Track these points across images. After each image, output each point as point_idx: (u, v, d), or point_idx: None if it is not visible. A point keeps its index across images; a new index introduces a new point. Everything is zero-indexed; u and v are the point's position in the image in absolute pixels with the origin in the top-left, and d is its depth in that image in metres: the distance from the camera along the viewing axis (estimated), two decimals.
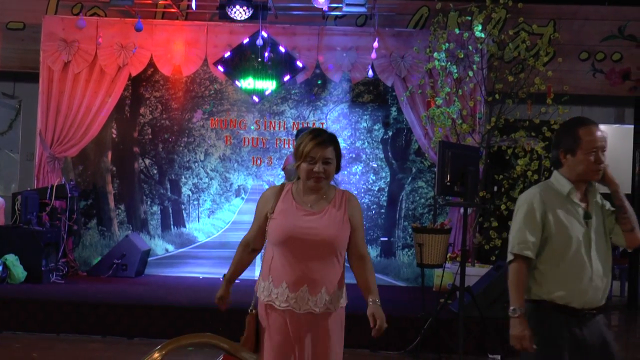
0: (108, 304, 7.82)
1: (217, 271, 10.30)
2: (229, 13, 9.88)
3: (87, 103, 10.35)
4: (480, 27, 9.33)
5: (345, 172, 10.56)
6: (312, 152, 3.56)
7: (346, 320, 7.61)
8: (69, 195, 9.70)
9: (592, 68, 10.52)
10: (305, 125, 10.18)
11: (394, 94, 10.40)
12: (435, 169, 7.97)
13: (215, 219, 10.72)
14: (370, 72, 10.30)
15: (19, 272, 8.74)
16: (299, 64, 10.39)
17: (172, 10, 10.52)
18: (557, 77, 9.61)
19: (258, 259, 4.03)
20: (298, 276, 3.57)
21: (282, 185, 3.79)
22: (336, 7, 10.21)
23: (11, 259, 8.74)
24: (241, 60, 10.44)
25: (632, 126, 10.94)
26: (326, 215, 3.57)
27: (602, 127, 12.19)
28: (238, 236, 10.54)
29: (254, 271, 10.12)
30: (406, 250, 10.38)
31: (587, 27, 10.52)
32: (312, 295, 3.64)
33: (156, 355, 1.68)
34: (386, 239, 10.51)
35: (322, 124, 10.55)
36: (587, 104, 10.83)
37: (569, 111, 9.24)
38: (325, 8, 9.95)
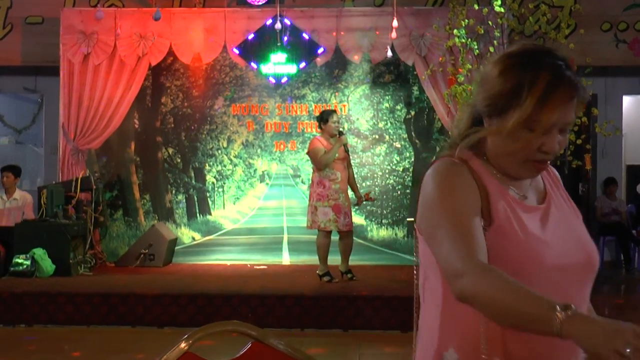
0: (137, 294, 7.84)
1: (244, 258, 10.32)
2: None
3: (109, 94, 10.37)
4: (500, 2, 9.21)
5: (369, 153, 10.50)
6: (547, 111, 1.77)
7: (375, 302, 7.63)
8: (94, 187, 9.73)
9: (615, 38, 10.38)
10: (327, 108, 10.11)
11: (415, 73, 10.32)
12: None
13: (241, 206, 10.72)
14: (390, 52, 10.21)
15: (48, 265, 8.78)
16: (319, 46, 10.33)
17: None
18: (580, 49, 9.47)
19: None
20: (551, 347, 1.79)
21: (461, 159, 1.90)
22: None
23: (39, 252, 8.78)
24: (261, 45, 10.39)
25: None
26: (559, 208, 1.98)
27: (627, 98, 12.05)
28: (264, 222, 10.66)
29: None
30: None
31: None
32: None
33: (183, 345, 1.64)
34: (412, 219, 10.43)
35: (344, 105, 10.49)
36: (610, 75, 10.69)
37: (592, 83, 9.10)
38: None
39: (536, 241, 1.82)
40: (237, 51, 10.40)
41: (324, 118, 8.44)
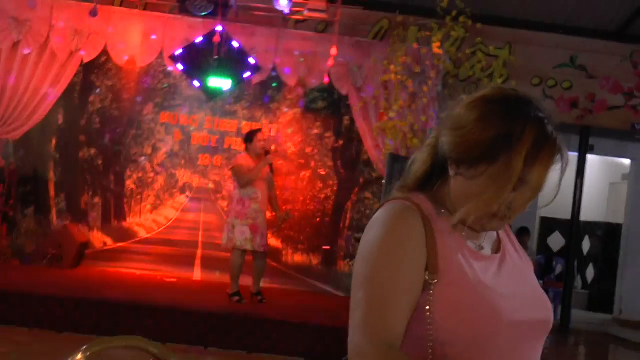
0: (39, 295, 7.60)
1: (156, 268, 10.13)
2: (188, 7, 9.72)
3: (35, 85, 10.07)
4: (439, 44, 9.34)
5: (294, 177, 10.47)
6: (533, 171, 1.68)
7: (283, 327, 7.57)
8: (7, 179, 9.44)
9: (543, 94, 10.62)
10: (256, 127, 10.04)
11: (347, 102, 10.34)
12: (383, 181, 7.94)
13: (158, 215, 10.54)
14: (327, 79, 10.24)
15: None
16: (255, 64, 10.27)
17: None
18: None
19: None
20: None
21: (413, 203, 1.76)
22: (297, 11, 10.12)
23: None
24: (197, 56, 10.27)
25: (576, 154, 11.07)
26: (513, 259, 1.88)
27: None
28: (180, 234, 10.49)
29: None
30: (348, 259, 10.33)
31: (541, 54, 10.61)
32: None
33: (79, 356, 1.55)
34: (329, 247, 10.45)
35: (274, 126, 10.45)
36: None
37: None
38: (286, 11, 9.85)
39: (492, 294, 1.69)
40: (173, 59, 10.26)
41: (250, 137, 8.43)
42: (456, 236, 1.75)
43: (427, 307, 1.67)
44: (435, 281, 1.67)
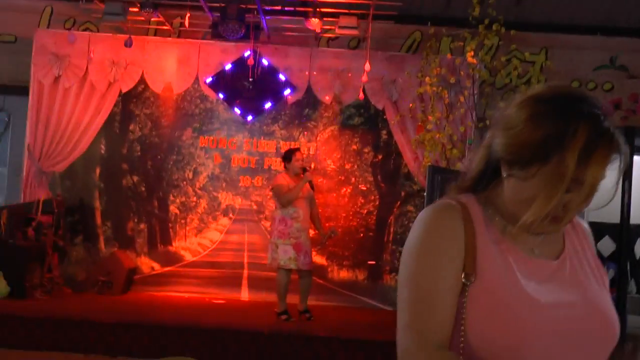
0: (92, 321, 7.74)
1: (203, 291, 10.24)
2: (221, 32, 9.87)
3: (77, 118, 10.30)
4: (472, 53, 9.35)
5: (335, 194, 10.52)
6: (587, 170, 1.63)
7: (332, 343, 7.60)
8: (56, 210, 9.63)
9: None
10: (295, 146, 10.12)
11: (384, 117, 10.38)
12: (425, 194, 7.96)
13: (203, 238, 10.65)
14: (362, 95, 10.30)
15: (2, 287, 8.65)
16: (290, 85, 10.38)
17: (165, 27, 10.51)
18: None
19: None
20: None
21: (461, 203, 1.78)
22: (329, 30, 10.21)
23: None
24: (232, 80, 10.42)
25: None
26: (574, 265, 1.82)
27: None
28: (225, 256, 10.59)
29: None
30: (394, 273, 10.32)
31: (579, 57, 10.55)
32: None
33: None
34: (374, 262, 10.47)
35: (313, 145, 10.52)
36: None
37: None
38: (318, 30, 9.96)
39: (529, 302, 1.65)
40: (208, 84, 10.41)
41: (288, 156, 8.51)
42: (501, 239, 1.73)
43: (462, 310, 1.66)
44: (471, 283, 1.67)
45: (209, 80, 10.39)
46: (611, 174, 1.66)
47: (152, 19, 10.26)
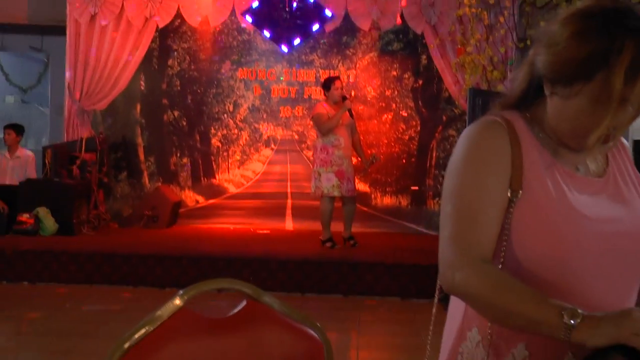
0: (139, 254, 7.88)
1: (247, 222, 10.33)
2: None
3: (115, 55, 10.31)
4: None
5: (376, 121, 10.46)
6: (634, 88, 1.56)
7: (377, 269, 7.65)
8: (99, 148, 9.73)
9: None
10: (334, 74, 10.03)
11: (423, 41, 10.23)
12: (466, 117, 7.86)
13: (245, 170, 10.70)
14: (400, 20, 10.14)
15: (51, 224, 8.81)
16: (328, 12, 10.24)
17: None
18: None
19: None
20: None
21: (506, 120, 1.75)
22: None
23: (43, 212, 8.80)
24: (269, 10, 10.31)
25: None
26: (620, 181, 1.80)
27: None
28: (269, 187, 10.65)
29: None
30: (437, 198, 10.31)
31: None
32: None
33: (177, 301, 1.64)
34: (417, 188, 10.45)
35: (352, 72, 10.43)
36: None
37: None
38: None
39: (575, 215, 1.64)
40: (245, 16, 10.32)
41: (327, 84, 8.44)
42: (547, 155, 1.71)
43: (506, 225, 1.65)
44: (517, 198, 1.65)
45: (245, 11, 10.28)
46: None
47: None
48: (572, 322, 1.44)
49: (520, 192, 1.66)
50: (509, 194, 1.66)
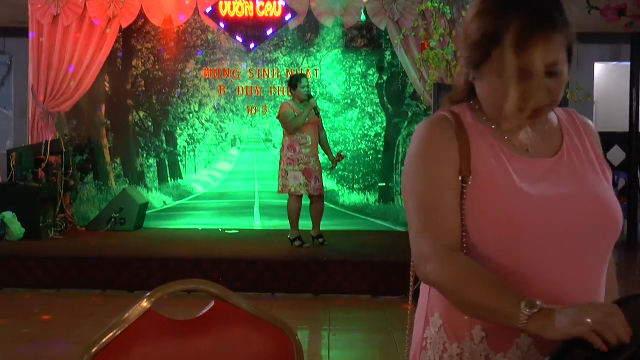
0: (107, 257, 7.82)
1: (216, 222, 10.31)
2: None
3: (79, 57, 10.21)
4: None
5: (342, 118, 10.48)
6: (527, 58, 1.63)
7: (346, 267, 7.67)
8: (64, 150, 9.64)
9: (587, 5, 10.36)
10: (299, 72, 10.04)
11: (387, 37, 10.26)
12: (432, 112, 7.90)
13: (212, 170, 10.68)
14: (363, 16, 10.17)
15: (17, 229, 8.72)
16: (291, 10, 10.24)
17: None
18: None
19: None
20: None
21: (452, 112, 1.82)
22: None
23: (9, 216, 8.70)
24: (232, 8, 10.28)
25: (629, 63, 10.83)
26: (572, 161, 1.80)
27: (598, 65, 11.93)
28: (236, 186, 10.63)
29: None
30: None
31: None
32: None
33: (145, 303, 1.64)
34: (384, 184, 10.49)
35: (317, 70, 10.45)
36: (582, 41, 10.43)
37: None
38: None
39: (522, 197, 1.68)
40: (208, 14, 10.28)
41: (293, 83, 8.43)
42: (493, 140, 1.76)
43: (462, 210, 1.72)
44: (467, 184, 1.71)
45: (208, 10, 10.24)
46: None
47: None
48: (528, 312, 1.48)
49: (470, 177, 1.72)
50: (460, 182, 1.72)
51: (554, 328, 1.45)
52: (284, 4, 10.20)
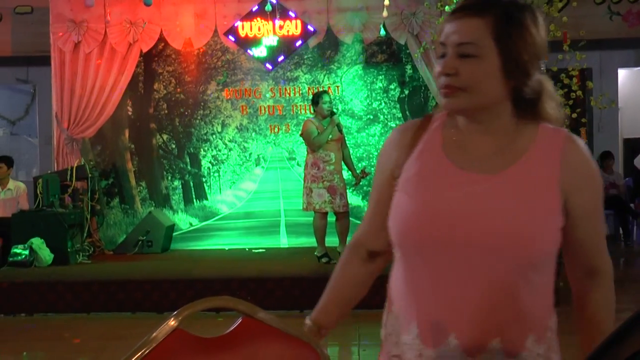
0: (135, 280, 7.86)
1: (242, 242, 10.32)
2: None
3: (101, 82, 10.30)
4: None
5: (364, 134, 10.48)
6: (443, 34, 1.74)
7: (375, 281, 7.63)
8: (90, 175, 9.71)
9: (609, 11, 10.32)
10: (320, 89, 10.05)
11: (407, 51, 10.27)
12: None
13: (237, 190, 10.70)
14: (382, 32, 10.18)
15: (46, 255, 8.77)
16: (310, 28, 10.28)
17: None
18: (573, 22, 9.39)
19: None
20: (446, 311, 1.73)
21: (428, 117, 1.89)
22: None
23: (37, 242, 8.76)
24: (251, 29, 10.34)
25: None
26: (510, 180, 1.71)
27: (622, 70, 11.85)
28: (261, 205, 10.65)
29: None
30: None
31: None
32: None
33: (172, 322, 1.64)
34: None
35: (338, 87, 10.46)
36: (605, 48, 10.62)
37: (586, 57, 9.07)
38: None
39: (426, 208, 1.71)
40: (228, 36, 10.34)
41: (315, 100, 8.45)
42: (439, 148, 1.78)
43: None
44: (395, 191, 1.82)
45: (227, 32, 10.31)
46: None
47: None
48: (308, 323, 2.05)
49: (398, 186, 1.81)
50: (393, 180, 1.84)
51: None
52: (302, 22, 10.23)
